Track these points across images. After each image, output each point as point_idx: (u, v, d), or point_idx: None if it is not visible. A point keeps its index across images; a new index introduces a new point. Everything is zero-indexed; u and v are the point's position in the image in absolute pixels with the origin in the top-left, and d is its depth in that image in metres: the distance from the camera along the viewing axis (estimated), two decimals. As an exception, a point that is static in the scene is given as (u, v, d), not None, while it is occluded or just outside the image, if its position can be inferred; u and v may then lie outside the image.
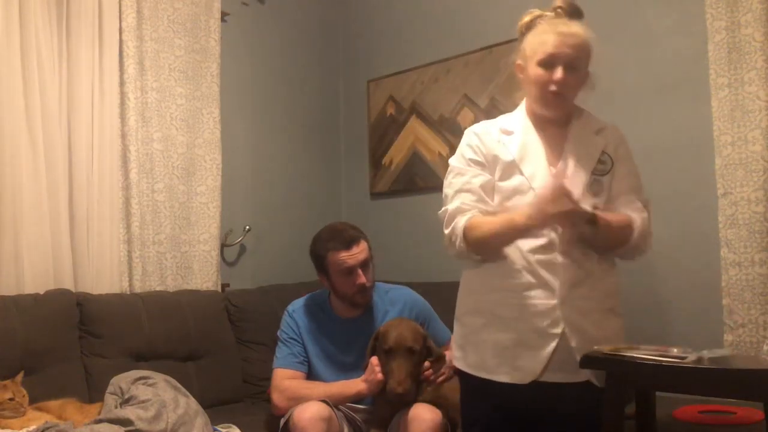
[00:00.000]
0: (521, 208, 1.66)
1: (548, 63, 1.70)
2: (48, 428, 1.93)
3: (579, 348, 1.65)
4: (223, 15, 3.22)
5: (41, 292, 2.48)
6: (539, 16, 1.80)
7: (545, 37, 1.72)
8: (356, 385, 2.23)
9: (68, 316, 2.47)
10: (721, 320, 2.36)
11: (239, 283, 3.21)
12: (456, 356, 1.85)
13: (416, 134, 3.41)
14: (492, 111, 2.99)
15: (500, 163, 1.76)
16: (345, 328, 2.38)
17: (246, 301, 2.96)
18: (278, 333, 2.42)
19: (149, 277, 2.88)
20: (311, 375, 2.35)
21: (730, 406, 2.10)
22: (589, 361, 1.70)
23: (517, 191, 1.72)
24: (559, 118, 1.79)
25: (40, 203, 2.55)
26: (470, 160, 1.80)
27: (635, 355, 1.59)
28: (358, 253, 2.30)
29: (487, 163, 1.78)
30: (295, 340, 2.37)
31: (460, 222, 1.72)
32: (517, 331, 1.69)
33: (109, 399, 2.12)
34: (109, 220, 2.74)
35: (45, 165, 2.58)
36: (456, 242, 1.73)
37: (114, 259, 2.76)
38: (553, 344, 1.65)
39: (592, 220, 1.61)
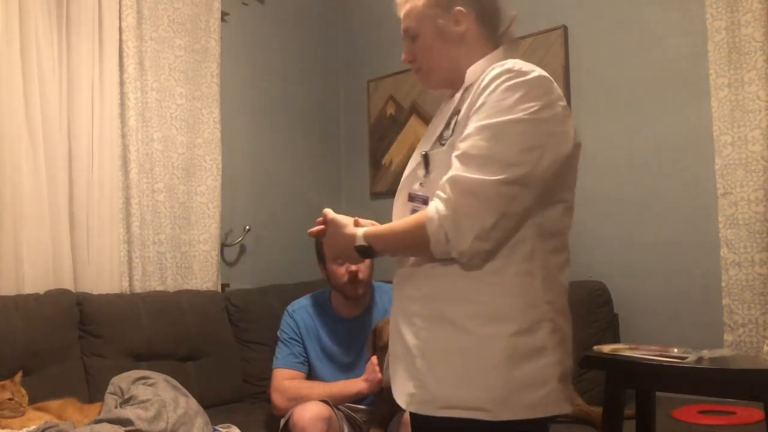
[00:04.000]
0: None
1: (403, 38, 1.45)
2: (48, 428, 1.93)
3: (394, 354, 1.35)
4: (223, 15, 3.22)
5: (41, 292, 2.48)
6: None
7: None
8: (356, 384, 2.23)
9: (68, 316, 2.47)
10: (721, 320, 2.36)
11: (239, 283, 3.21)
12: None
13: (416, 134, 3.41)
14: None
15: None
16: (345, 327, 2.38)
17: (246, 301, 2.96)
18: (278, 333, 2.42)
19: (149, 277, 2.88)
20: (311, 375, 2.35)
21: (730, 406, 2.10)
22: (589, 361, 1.70)
23: None
24: (443, 91, 1.51)
25: (40, 203, 2.55)
26: None
27: (635, 356, 1.59)
28: None
29: None
30: (295, 340, 2.37)
31: None
32: None
33: (109, 399, 2.12)
34: (109, 220, 2.74)
35: (45, 165, 2.58)
36: None
37: (114, 259, 2.76)
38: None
39: (364, 250, 1.33)
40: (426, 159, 1.36)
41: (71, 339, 2.46)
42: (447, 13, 1.37)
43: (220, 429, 2.23)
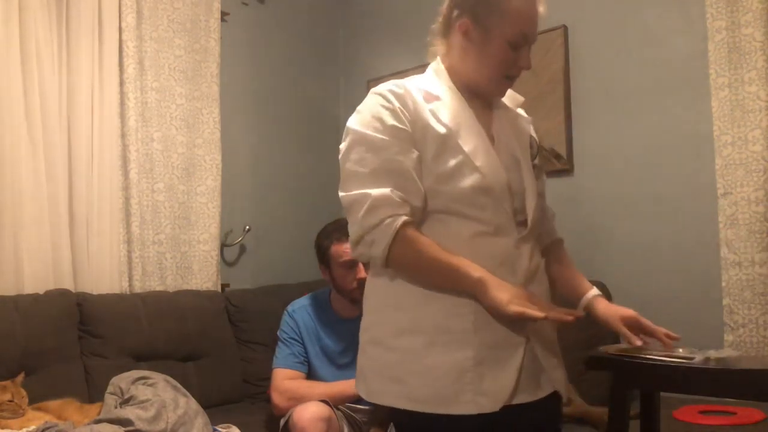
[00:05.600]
0: (476, 266, 1.30)
1: (518, 43, 1.38)
2: (48, 428, 1.93)
3: (544, 355, 1.41)
4: (223, 15, 3.22)
5: (41, 292, 2.48)
6: None
7: (519, 7, 1.36)
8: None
9: (68, 316, 2.47)
10: (722, 320, 2.36)
11: (239, 283, 3.21)
12: (386, 391, 1.38)
13: (416, 134, 3.41)
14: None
15: (432, 136, 1.35)
16: (346, 327, 2.38)
17: (246, 301, 2.96)
18: (278, 333, 2.43)
19: (149, 277, 2.88)
20: (311, 375, 2.35)
21: (730, 407, 2.10)
22: (595, 362, 1.69)
23: (456, 172, 1.33)
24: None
25: (40, 203, 2.55)
26: (393, 127, 1.35)
27: (642, 356, 1.58)
28: None
29: (416, 133, 1.35)
30: (295, 339, 2.37)
31: (393, 224, 1.30)
32: (475, 346, 1.33)
33: (109, 399, 2.12)
34: (109, 220, 2.74)
35: (45, 165, 2.58)
36: (373, 248, 1.33)
37: (114, 259, 2.76)
38: (520, 355, 1.35)
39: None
40: (539, 171, 1.51)
41: (71, 339, 2.46)
42: None
43: (220, 429, 2.23)
